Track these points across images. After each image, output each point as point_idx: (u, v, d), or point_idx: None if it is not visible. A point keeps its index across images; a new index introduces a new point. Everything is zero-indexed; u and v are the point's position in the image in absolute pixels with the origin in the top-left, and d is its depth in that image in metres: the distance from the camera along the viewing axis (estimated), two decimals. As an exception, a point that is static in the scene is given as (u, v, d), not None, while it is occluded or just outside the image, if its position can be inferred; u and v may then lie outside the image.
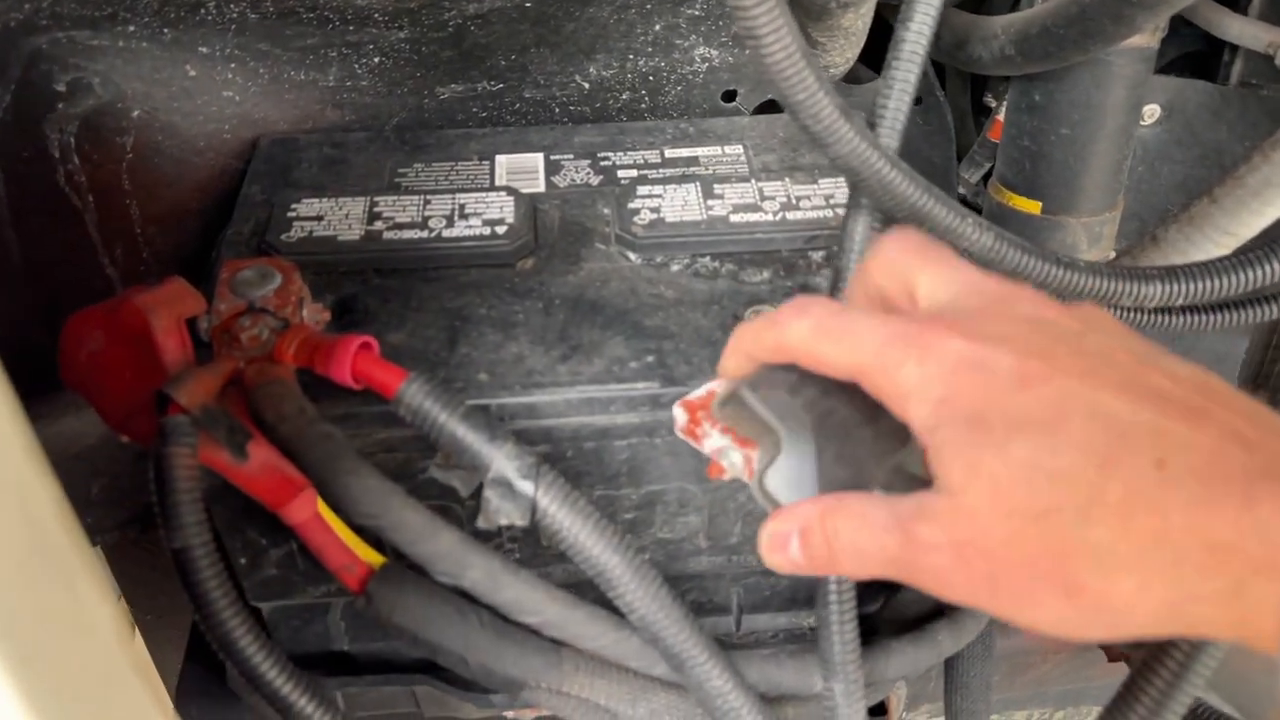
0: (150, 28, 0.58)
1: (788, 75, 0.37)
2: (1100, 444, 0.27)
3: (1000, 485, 0.27)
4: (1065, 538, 0.27)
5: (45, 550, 0.21)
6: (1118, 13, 0.50)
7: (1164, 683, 0.34)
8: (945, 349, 0.29)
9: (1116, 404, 0.27)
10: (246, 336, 0.45)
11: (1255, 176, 0.53)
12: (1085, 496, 0.26)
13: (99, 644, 0.22)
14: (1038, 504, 0.27)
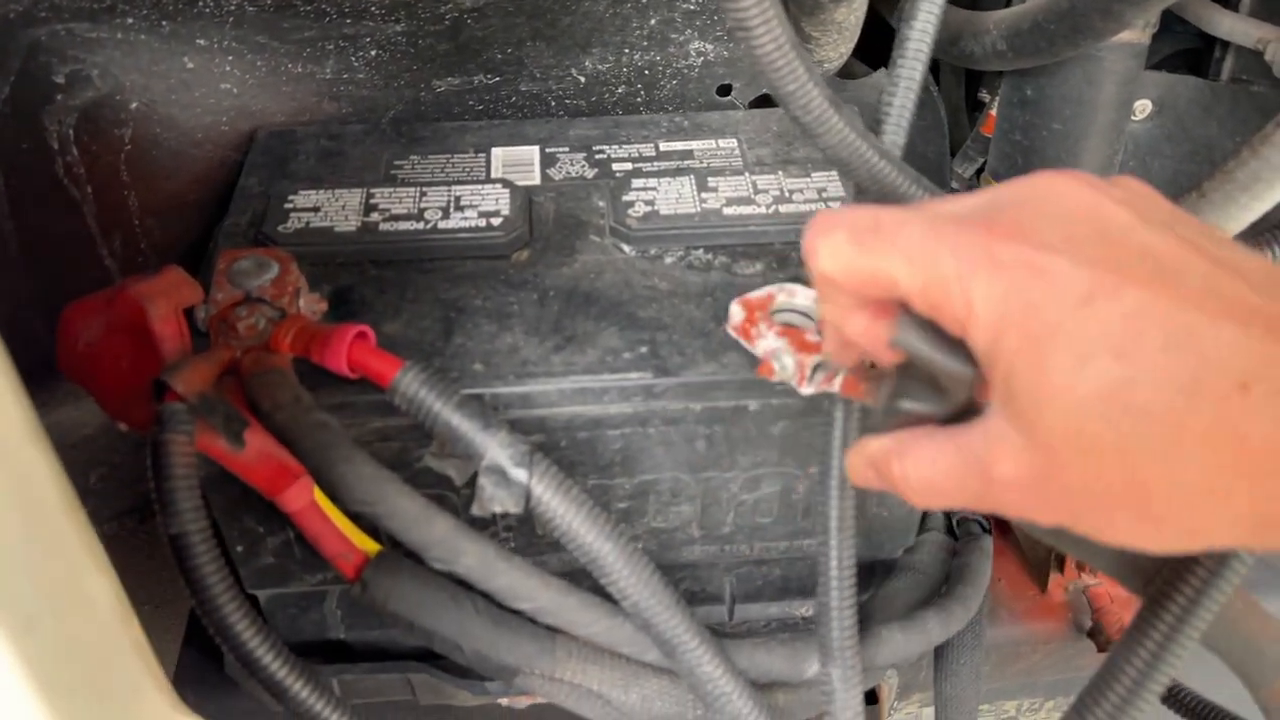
0: (149, 20, 0.58)
1: (778, 66, 0.37)
2: (1181, 371, 0.25)
3: (1075, 420, 0.26)
4: (1147, 472, 0.26)
5: (47, 529, 0.21)
6: (1107, 8, 0.50)
7: (1142, 662, 0.35)
8: (1005, 259, 0.28)
9: (1195, 320, 0.26)
10: (243, 326, 0.46)
11: (1244, 171, 0.53)
12: (1167, 429, 0.25)
13: (99, 622, 0.23)
14: (1116, 439, 0.26)
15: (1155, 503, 0.26)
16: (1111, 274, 0.27)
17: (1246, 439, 0.25)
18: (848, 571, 0.45)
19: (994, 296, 0.28)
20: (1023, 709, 0.72)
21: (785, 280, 0.53)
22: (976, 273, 0.28)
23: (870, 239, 0.31)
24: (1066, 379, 0.26)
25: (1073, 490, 0.27)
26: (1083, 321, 0.26)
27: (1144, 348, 0.26)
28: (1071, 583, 0.67)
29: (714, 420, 0.48)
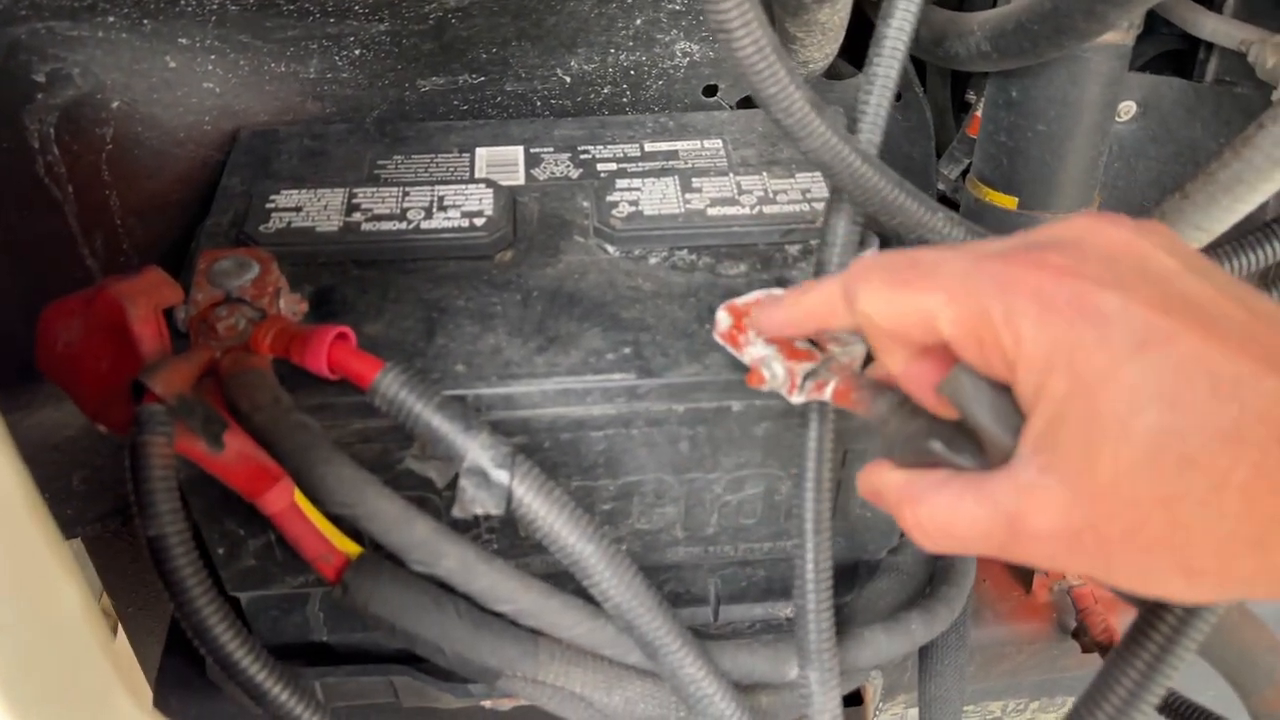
0: (130, 19, 0.58)
1: (759, 69, 0.37)
2: (1227, 422, 0.25)
3: (1123, 471, 0.26)
4: (1189, 524, 0.26)
5: (11, 534, 0.21)
6: (1090, 9, 0.50)
7: (1138, 674, 0.35)
8: (1055, 297, 0.27)
9: (1240, 369, 0.26)
10: (223, 326, 0.45)
11: (1226, 173, 0.53)
12: (1212, 481, 0.25)
13: (65, 627, 0.22)
14: (1162, 490, 0.26)
15: (1195, 555, 0.26)
16: (1164, 319, 0.26)
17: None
18: (824, 574, 0.45)
19: (1044, 337, 0.27)
20: (1008, 709, 0.72)
21: (769, 281, 0.53)
22: (1026, 310, 0.28)
23: (909, 276, 0.30)
24: (1120, 428, 0.26)
25: (1111, 541, 0.27)
26: (1138, 368, 0.26)
27: (1194, 397, 0.26)
28: (1056, 583, 0.67)
29: (697, 421, 0.48)
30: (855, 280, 0.32)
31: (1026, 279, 0.28)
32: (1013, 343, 0.28)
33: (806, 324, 0.38)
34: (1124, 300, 0.27)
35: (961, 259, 0.30)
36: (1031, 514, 0.28)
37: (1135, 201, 0.74)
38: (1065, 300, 0.27)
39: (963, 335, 0.29)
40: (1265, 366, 0.26)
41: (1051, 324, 0.27)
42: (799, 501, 0.45)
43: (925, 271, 0.30)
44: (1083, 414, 0.27)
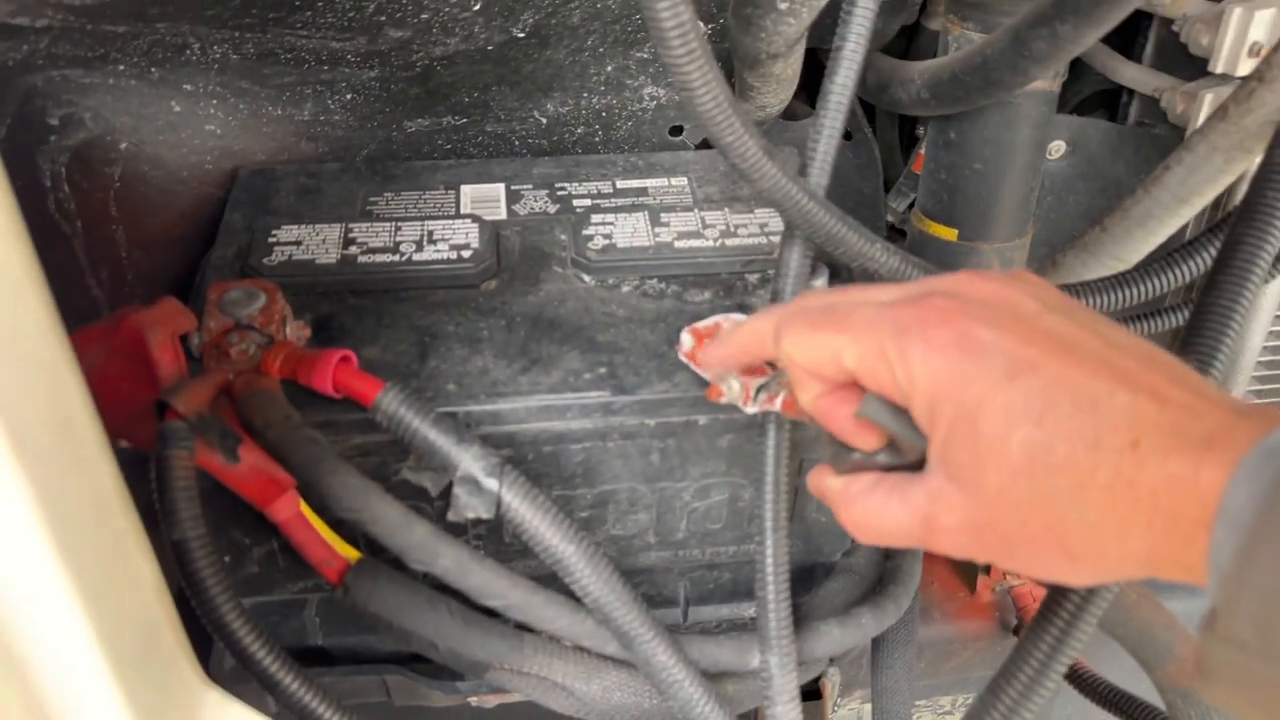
0: (139, 67, 0.62)
1: (717, 121, 0.42)
2: (1088, 432, 0.31)
3: (1007, 479, 0.32)
4: (1064, 518, 0.31)
5: (110, 522, 0.26)
6: (1014, 64, 0.57)
7: (1048, 646, 0.40)
8: (939, 339, 0.33)
9: (1095, 387, 0.31)
10: (235, 351, 0.50)
11: (1139, 208, 0.60)
12: (1078, 482, 0.31)
13: (145, 598, 0.27)
14: (1039, 492, 0.31)
15: (1071, 544, 0.32)
16: (1030, 350, 0.32)
17: (1137, 487, 0.30)
18: (782, 568, 0.50)
19: (931, 371, 0.33)
20: (957, 704, 0.77)
21: (731, 307, 0.59)
22: (916, 348, 0.34)
23: (824, 321, 0.37)
24: (999, 444, 0.32)
25: (1006, 536, 0.33)
26: (1009, 394, 0.32)
27: (1058, 414, 0.31)
28: (997, 584, 0.72)
29: (667, 434, 0.53)
30: (781, 323, 0.38)
31: (917, 322, 0.34)
32: (906, 377, 0.34)
33: (742, 358, 0.45)
34: (997, 336, 0.33)
35: (869, 306, 0.36)
36: (941, 514, 0.34)
37: (1066, 232, 0.80)
38: (948, 339, 0.33)
39: (865, 370, 0.36)
40: (1117, 384, 0.31)
41: (937, 359, 0.33)
42: (759, 503, 0.50)
43: (838, 317, 0.36)
44: (968, 434, 0.32)
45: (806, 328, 0.37)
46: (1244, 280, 0.44)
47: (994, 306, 0.34)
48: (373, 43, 0.64)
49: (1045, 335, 0.33)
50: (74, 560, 0.22)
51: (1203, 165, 0.56)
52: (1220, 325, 0.43)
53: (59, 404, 0.23)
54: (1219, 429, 0.30)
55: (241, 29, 0.60)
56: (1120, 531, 0.31)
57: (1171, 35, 0.69)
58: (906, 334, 0.34)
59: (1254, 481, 0.28)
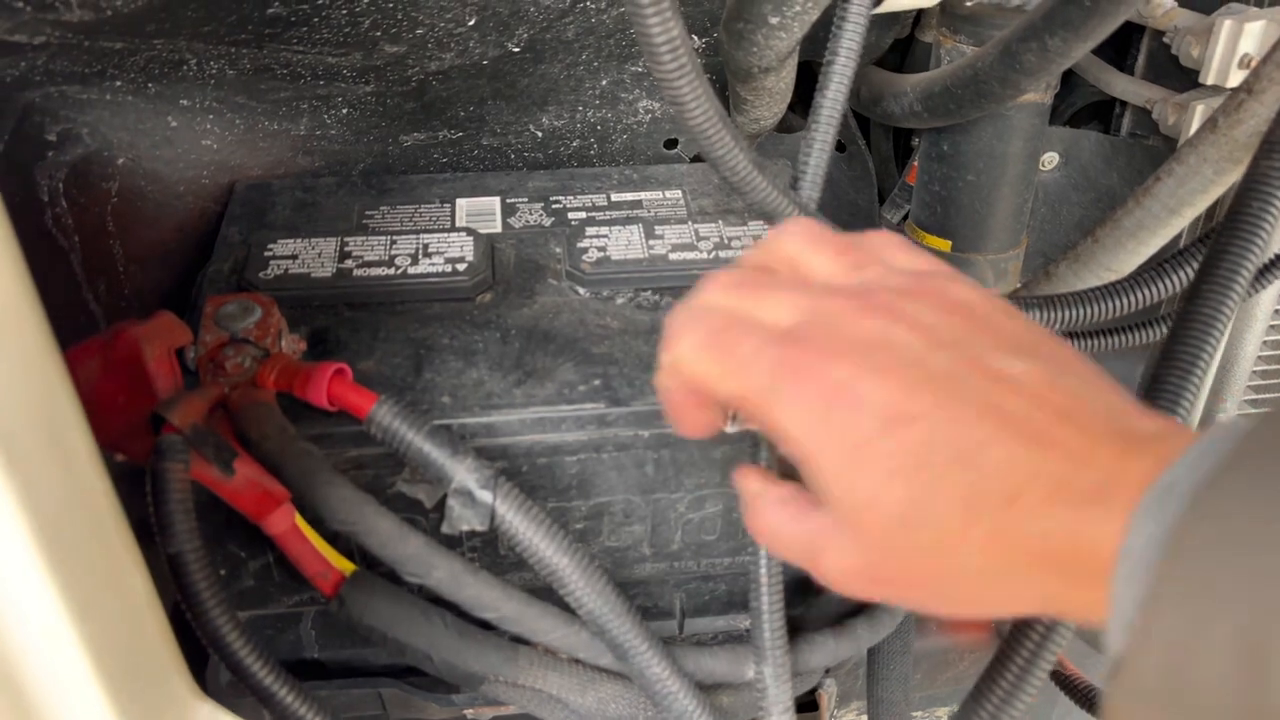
0: (136, 83, 0.62)
1: (709, 135, 0.43)
2: (964, 486, 0.30)
3: (883, 528, 0.31)
4: (945, 567, 0.31)
5: (103, 536, 0.26)
6: (1004, 77, 0.57)
7: (1028, 652, 0.40)
8: (813, 382, 0.32)
9: (972, 439, 0.30)
10: (231, 364, 0.50)
11: (1130, 219, 0.60)
12: (956, 535, 0.30)
13: (138, 611, 0.27)
14: (917, 544, 0.31)
15: (951, 591, 0.31)
16: (910, 399, 0.31)
17: (1017, 543, 0.29)
18: (775, 577, 0.50)
19: (803, 417, 0.32)
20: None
21: (725, 319, 0.59)
22: (791, 392, 0.32)
23: (712, 344, 0.35)
24: (874, 494, 0.31)
25: (889, 580, 0.32)
26: (885, 442, 0.31)
27: (935, 465, 0.30)
28: (994, 594, 0.72)
29: (661, 445, 0.53)
30: (683, 329, 0.36)
31: (792, 370, 0.33)
32: (778, 428, 0.33)
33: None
34: (873, 385, 0.31)
35: (755, 336, 0.34)
36: (829, 552, 0.33)
37: (1060, 242, 0.81)
38: (820, 391, 0.32)
39: (740, 407, 0.35)
40: (997, 434, 0.30)
41: (808, 413, 0.32)
42: (753, 516, 0.50)
43: (725, 344, 0.34)
44: (846, 486, 0.31)
45: (700, 348, 0.35)
46: (1227, 290, 0.44)
47: (877, 348, 0.33)
48: (368, 58, 0.64)
49: (928, 380, 0.31)
50: (65, 575, 0.22)
51: (1193, 176, 0.56)
52: (1202, 335, 0.43)
53: (51, 419, 0.23)
54: (1107, 476, 0.29)
55: (238, 45, 0.60)
56: (1005, 581, 0.30)
57: (1163, 47, 0.70)
58: (780, 383, 0.33)
59: (1152, 525, 0.27)
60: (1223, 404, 0.75)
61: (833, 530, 0.33)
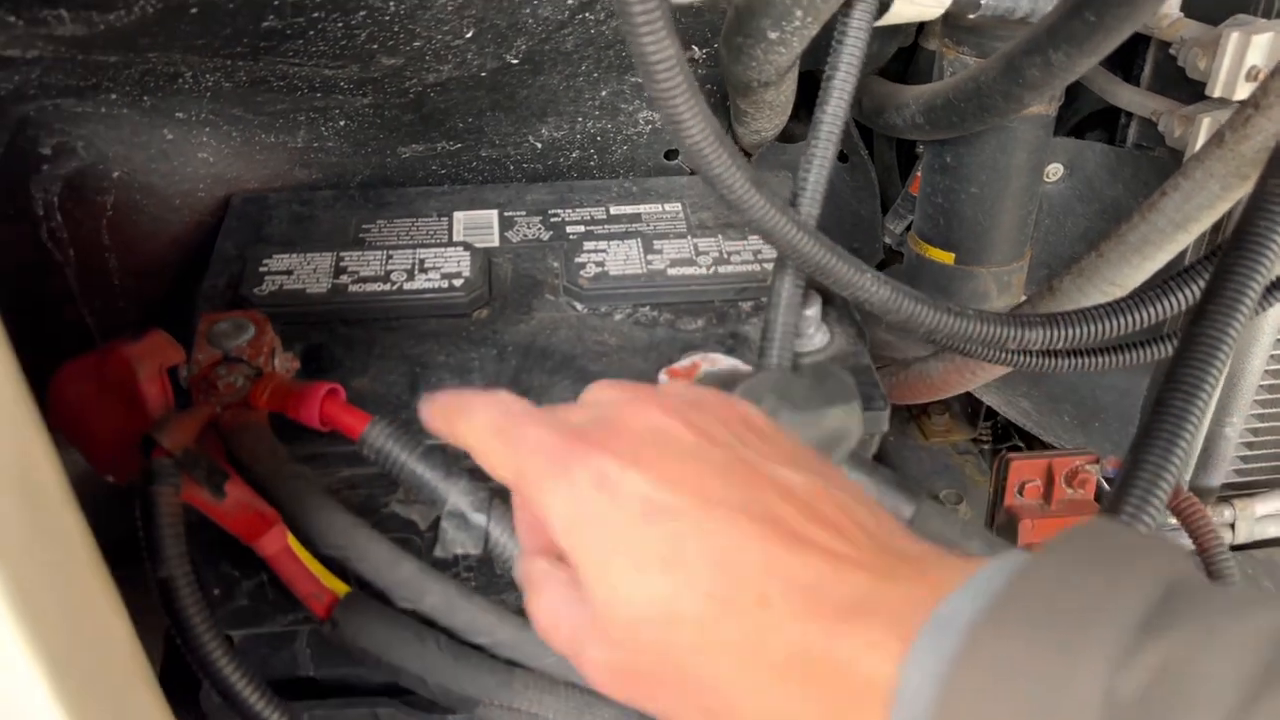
0: (131, 96, 0.62)
1: (705, 154, 0.42)
2: (716, 586, 0.29)
3: (634, 624, 0.30)
4: (695, 671, 0.30)
5: (79, 580, 0.25)
6: (1007, 91, 0.56)
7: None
8: (578, 474, 0.32)
9: (729, 538, 0.30)
10: (223, 384, 0.49)
11: (1135, 234, 0.59)
12: (705, 635, 0.29)
13: (119, 657, 0.26)
14: (668, 641, 0.30)
15: (705, 697, 0.30)
16: (669, 495, 0.31)
17: (767, 647, 0.29)
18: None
19: (566, 505, 0.32)
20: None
21: (724, 335, 0.58)
22: (554, 479, 0.32)
23: (503, 425, 0.35)
24: (626, 589, 0.30)
25: (643, 681, 0.31)
26: (640, 536, 0.30)
27: (687, 563, 0.30)
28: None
29: (658, 466, 0.53)
30: (473, 409, 0.37)
31: (569, 452, 0.33)
32: (546, 510, 0.33)
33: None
34: (639, 474, 0.31)
35: (544, 428, 0.34)
36: (589, 647, 0.32)
37: (1064, 254, 0.80)
38: (591, 474, 0.32)
39: (516, 490, 0.35)
40: (762, 534, 0.30)
41: (575, 494, 0.32)
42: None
43: (517, 428, 0.35)
44: (598, 575, 0.31)
45: (489, 426, 0.36)
46: (1233, 311, 0.43)
47: (649, 442, 0.32)
48: (365, 70, 0.63)
49: (694, 476, 0.31)
50: (38, 632, 0.21)
51: (1199, 191, 0.55)
52: (1208, 357, 0.43)
53: (20, 463, 0.23)
54: (867, 593, 0.28)
55: (233, 57, 0.60)
56: (753, 691, 0.29)
57: (1169, 58, 0.69)
58: (550, 471, 0.33)
59: (931, 660, 0.26)
60: (1229, 421, 0.74)
61: (592, 624, 0.32)
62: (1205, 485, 0.79)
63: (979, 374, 0.68)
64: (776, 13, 0.50)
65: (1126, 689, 0.24)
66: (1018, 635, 0.25)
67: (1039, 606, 0.26)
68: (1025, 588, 0.26)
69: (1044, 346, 0.52)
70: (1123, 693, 0.24)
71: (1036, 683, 0.24)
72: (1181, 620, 0.25)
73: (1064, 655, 0.24)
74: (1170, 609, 0.25)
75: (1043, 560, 0.27)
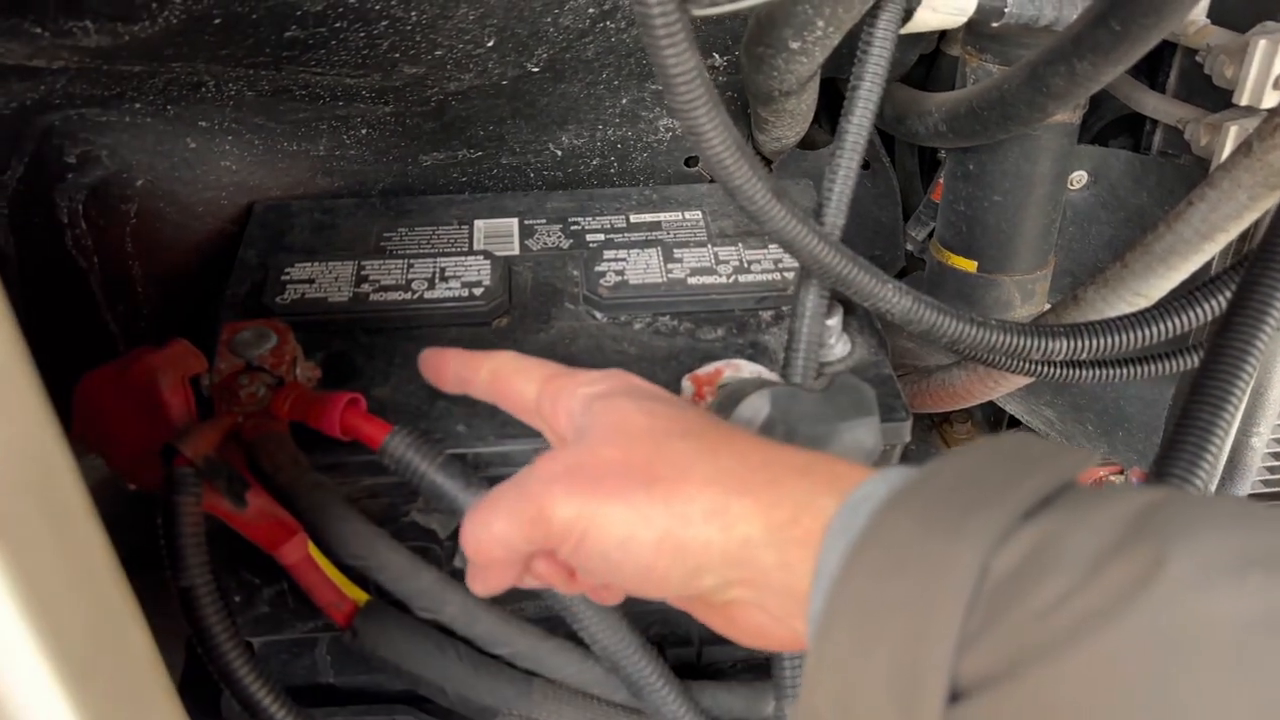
0: (155, 105, 0.63)
1: (726, 164, 0.42)
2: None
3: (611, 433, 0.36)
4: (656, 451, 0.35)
5: (99, 589, 0.25)
6: (1031, 100, 0.56)
7: None
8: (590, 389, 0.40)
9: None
10: (245, 394, 0.50)
11: (1160, 244, 0.58)
12: (682, 428, 0.36)
13: (139, 669, 0.26)
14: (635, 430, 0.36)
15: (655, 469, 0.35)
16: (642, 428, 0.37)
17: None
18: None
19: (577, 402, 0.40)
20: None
21: (744, 345, 0.58)
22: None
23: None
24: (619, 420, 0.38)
25: (599, 467, 0.35)
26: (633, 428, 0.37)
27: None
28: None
29: (678, 476, 0.52)
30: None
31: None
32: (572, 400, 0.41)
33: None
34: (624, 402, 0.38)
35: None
36: (540, 463, 0.37)
37: (1089, 262, 0.79)
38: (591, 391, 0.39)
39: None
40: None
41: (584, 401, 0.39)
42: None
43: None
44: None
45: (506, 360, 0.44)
46: (1260, 322, 0.43)
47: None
48: (387, 79, 0.64)
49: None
50: (58, 642, 0.21)
51: (1226, 201, 0.54)
52: (1234, 369, 0.42)
53: (41, 474, 0.23)
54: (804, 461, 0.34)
55: (256, 67, 0.60)
56: (699, 470, 0.34)
57: (1195, 65, 0.68)
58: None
59: (841, 534, 0.29)
60: (1255, 431, 0.73)
61: (549, 456, 0.37)
62: (1231, 496, 0.78)
63: (1002, 383, 0.67)
64: (798, 23, 0.49)
65: (1001, 565, 0.26)
66: (913, 517, 0.28)
67: (938, 495, 0.28)
68: (931, 478, 0.29)
69: (1068, 357, 0.51)
70: (996, 567, 0.26)
71: (921, 560, 0.27)
72: (1062, 506, 0.27)
73: (949, 535, 0.27)
74: (1056, 499, 0.28)
75: (954, 455, 0.30)
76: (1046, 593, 0.25)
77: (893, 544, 0.28)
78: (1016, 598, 0.25)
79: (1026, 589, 0.25)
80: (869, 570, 0.28)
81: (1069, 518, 0.27)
